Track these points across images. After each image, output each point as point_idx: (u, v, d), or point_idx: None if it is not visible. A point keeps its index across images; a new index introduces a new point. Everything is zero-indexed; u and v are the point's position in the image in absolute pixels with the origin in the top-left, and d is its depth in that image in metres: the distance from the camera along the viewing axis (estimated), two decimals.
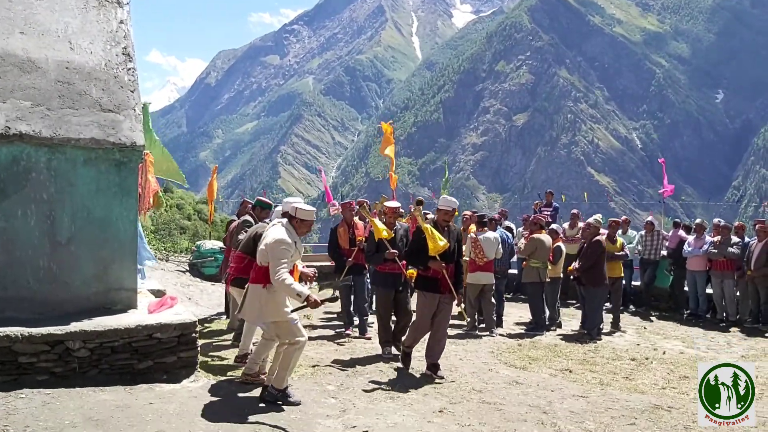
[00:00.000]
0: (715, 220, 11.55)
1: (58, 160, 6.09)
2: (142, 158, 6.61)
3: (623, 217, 12.77)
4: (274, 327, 5.59)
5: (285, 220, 5.68)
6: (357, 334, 8.78)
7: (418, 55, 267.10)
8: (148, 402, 5.32)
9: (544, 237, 9.88)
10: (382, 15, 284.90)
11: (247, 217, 7.94)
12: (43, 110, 6.06)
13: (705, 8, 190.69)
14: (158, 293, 7.87)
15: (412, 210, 6.96)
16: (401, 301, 7.71)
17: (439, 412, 5.59)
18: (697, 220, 11.90)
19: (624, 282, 12.35)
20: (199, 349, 6.21)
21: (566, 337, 9.49)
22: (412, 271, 7.49)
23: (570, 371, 7.42)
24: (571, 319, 10.79)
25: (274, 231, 5.54)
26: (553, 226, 10.70)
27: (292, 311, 5.55)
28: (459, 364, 7.49)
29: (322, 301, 5.41)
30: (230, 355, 7.23)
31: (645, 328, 10.57)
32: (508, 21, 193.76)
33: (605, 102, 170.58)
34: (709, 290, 11.43)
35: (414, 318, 7.33)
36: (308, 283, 6.22)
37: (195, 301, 11.11)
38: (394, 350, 7.61)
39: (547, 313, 10.03)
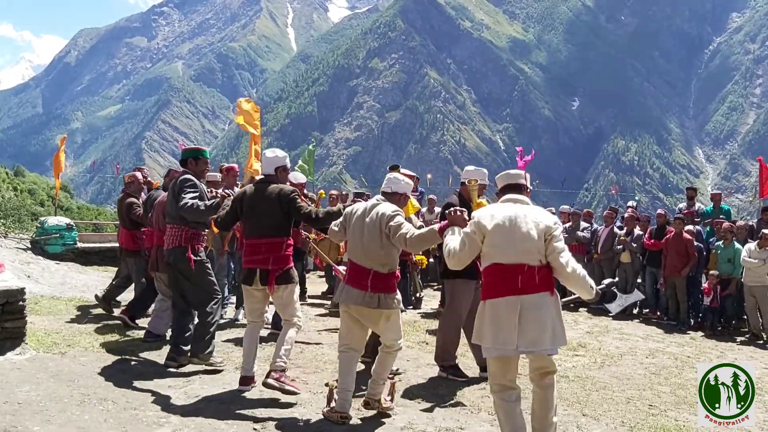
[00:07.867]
0: (564, 207, 12.21)
1: None
2: None
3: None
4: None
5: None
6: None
7: (293, 47, 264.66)
8: None
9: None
10: (256, 4, 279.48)
11: (188, 176, 5.76)
12: None
13: (564, 20, 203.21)
14: None
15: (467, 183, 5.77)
16: None
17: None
18: (549, 209, 12.47)
19: None
20: (26, 319, 5.64)
21: (425, 315, 9.63)
22: (422, 257, 6.73)
23: (426, 343, 7.49)
24: (431, 299, 10.98)
25: (387, 206, 4.66)
26: None
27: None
28: (317, 338, 7.39)
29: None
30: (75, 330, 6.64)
31: None
32: (383, 19, 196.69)
33: (472, 104, 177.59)
34: None
35: (450, 313, 6.12)
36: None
37: (35, 279, 10.18)
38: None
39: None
